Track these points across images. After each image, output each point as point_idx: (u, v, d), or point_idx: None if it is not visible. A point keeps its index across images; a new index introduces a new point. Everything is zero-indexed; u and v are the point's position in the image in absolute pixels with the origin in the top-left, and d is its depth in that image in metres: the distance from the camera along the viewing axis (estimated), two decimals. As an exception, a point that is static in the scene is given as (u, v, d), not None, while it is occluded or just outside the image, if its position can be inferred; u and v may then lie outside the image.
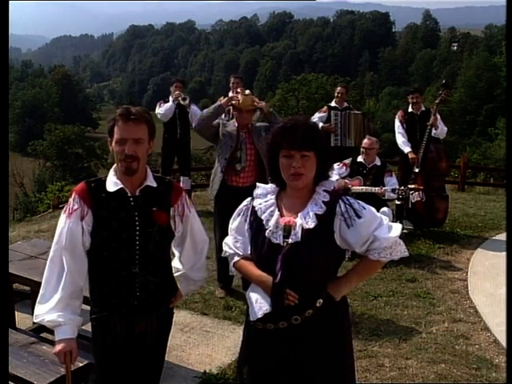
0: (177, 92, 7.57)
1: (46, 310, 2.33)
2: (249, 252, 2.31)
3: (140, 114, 2.32)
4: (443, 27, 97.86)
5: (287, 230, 2.18)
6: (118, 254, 2.35)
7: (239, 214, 2.36)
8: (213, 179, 4.98)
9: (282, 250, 2.17)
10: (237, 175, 4.77)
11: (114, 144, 2.33)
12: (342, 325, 2.31)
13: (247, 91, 4.88)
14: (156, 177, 2.46)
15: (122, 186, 2.36)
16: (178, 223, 2.48)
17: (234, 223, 2.37)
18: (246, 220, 2.32)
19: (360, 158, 6.28)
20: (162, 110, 7.62)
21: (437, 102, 6.88)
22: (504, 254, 5.29)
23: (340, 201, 2.21)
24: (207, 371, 3.81)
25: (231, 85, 7.79)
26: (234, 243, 2.35)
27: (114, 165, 2.40)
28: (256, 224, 2.27)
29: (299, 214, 2.21)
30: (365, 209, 2.21)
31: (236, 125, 4.79)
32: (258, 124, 4.92)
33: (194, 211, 2.58)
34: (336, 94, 7.68)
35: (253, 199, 2.34)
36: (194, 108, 7.66)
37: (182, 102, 7.53)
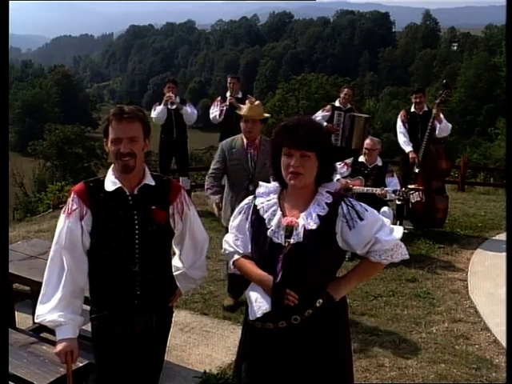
0: (167, 95, 7.58)
1: (47, 310, 2.34)
2: (249, 250, 2.31)
3: (133, 112, 2.32)
4: (443, 27, 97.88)
5: (289, 229, 2.19)
6: (117, 253, 2.36)
7: (240, 212, 2.36)
8: (232, 208, 4.18)
9: (283, 249, 2.18)
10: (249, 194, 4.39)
11: (109, 144, 2.34)
12: (341, 325, 2.32)
13: (257, 102, 4.59)
14: (154, 175, 2.47)
15: (120, 185, 2.37)
16: (177, 221, 2.48)
17: (234, 221, 2.37)
18: (247, 218, 2.32)
19: (361, 158, 6.28)
20: (154, 113, 7.67)
21: (437, 102, 6.87)
22: (504, 254, 5.29)
23: (342, 202, 2.21)
24: (207, 371, 3.81)
25: (228, 85, 7.78)
26: (234, 241, 2.35)
27: (113, 164, 2.41)
28: (258, 223, 2.27)
29: (301, 215, 2.21)
30: (367, 211, 2.22)
31: (245, 142, 4.48)
32: (268, 139, 4.40)
33: (194, 209, 2.58)
34: (343, 95, 7.62)
35: (255, 198, 2.35)
36: (186, 109, 7.66)
37: (169, 107, 7.55)
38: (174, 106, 7.58)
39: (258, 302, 2.22)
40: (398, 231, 2.25)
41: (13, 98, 58.64)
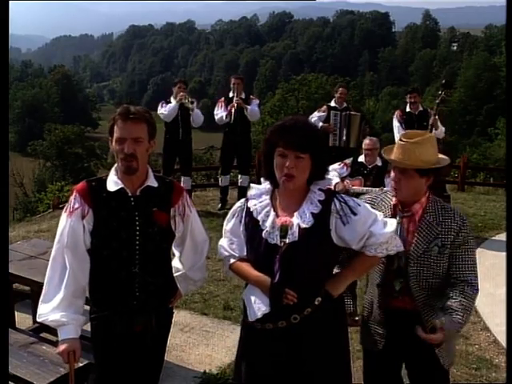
0: (182, 93, 7.54)
1: (49, 310, 2.34)
2: (244, 253, 2.31)
3: (139, 113, 2.32)
4: (443, 27, 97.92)
5: (284, 229, 2.19)
6: (118, 254, 2.36)
7: (234, 216, 2.36)
8: None
9: (279, 250, 2.18)
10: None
11: (113, 143, 2.33)
12: (340, 322, 2.33)
13: (423, 137, 2.39)
14: (157, 177, 2.47)
15: (122, 185, 2.37)
16: (178, 223, 2.48)
17: (228, 225, 2.37)
18: (240, 221, 2.32)
19: (361, 159, 6.28)
20: (165, 110, 7.59)
21: (437, 102, 6.86)
22: (504, 253, 5.28)
23: (335, 199, 2.23)
24: (207, 371, 3.81)
25: (232, 85, 7.77)
26: (229, 245, 2.35)
27: (115, 164, 2.40)
28: (252, 225, 2.27)
29: (295, 214, 2.21)
30: (360, 206, 2.23)
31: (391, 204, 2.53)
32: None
33: (195, 211, 2.58)
34: (338, 95, 7.65)
35: (247, 200, 2.35)
36: (196, 111, 7.65)
37: (189, 106, 7.50)
38: (194, 105, 7.55)
39: (257, 303, 2.22)
40: (392, 224, 2.27)
41: (13, 97, 58.61)
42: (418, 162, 2.34)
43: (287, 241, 2.18)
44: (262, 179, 2.36)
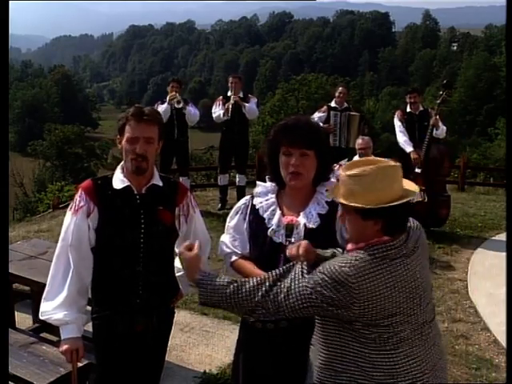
0: (172, 93, 7.52)
1: (52, 308, 2.34)
2: (247, 251, 2.30)
3: (152, 114, 2.35)
4: (443, 27, 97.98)
5: (289, 228, 2.18)
6: (122, 252, 2.36)
7: (237, 212, 2.35)
8: None
9: (284, 249, 2.17)
10: None
11: (124, 142, 2.34)
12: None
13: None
14: (162, 176, 2.48)
15: (128, 183, 2.37)
16: (182, 223, 2.49)
17: (231, 221, 2.36)
18: (244, 218, 2.31)
19: (356, 159, 6.30)
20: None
21: (438, 102, 6.86)
22: (504, 254, 5.29)
23: None
24: (207, 371, 3.81)
25: (229, 85, 7.76)
26: (231, 242, 2.33)
27: (122, 162, 2.41)
28: (256, 222, 2.27)
29: (301, 214, 2.20)
30: None
31: None
32: None
33: (199, 212, 2.59)
34: (338, 94, 7.66)
35: (252, 197, 2.34)
36: (189, 108, 7.62)
37: (176, 106, 7.48)
38: (181, 105, 7.52)
39: (259, 303, 2.21)
40: None
41: (13, 97, 58.57)
42: (351, 199, 1.78)
43: (292, 240, 2.17)
44: (267, 179, 2.35)
